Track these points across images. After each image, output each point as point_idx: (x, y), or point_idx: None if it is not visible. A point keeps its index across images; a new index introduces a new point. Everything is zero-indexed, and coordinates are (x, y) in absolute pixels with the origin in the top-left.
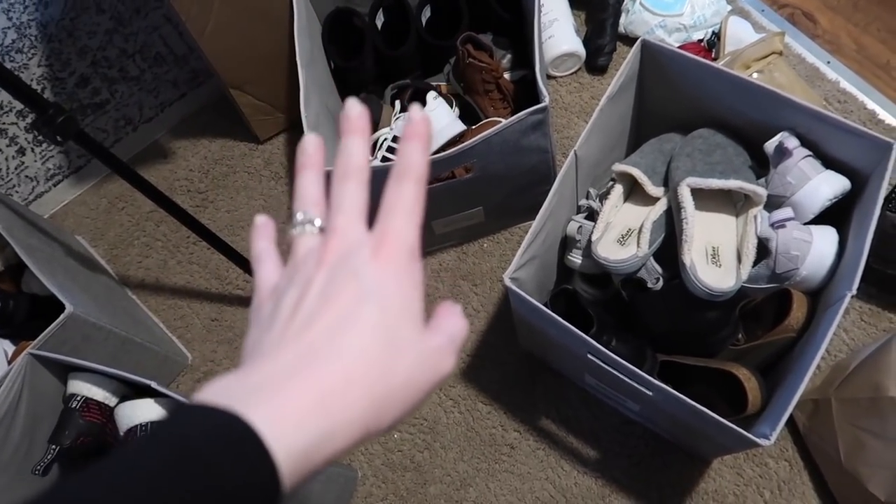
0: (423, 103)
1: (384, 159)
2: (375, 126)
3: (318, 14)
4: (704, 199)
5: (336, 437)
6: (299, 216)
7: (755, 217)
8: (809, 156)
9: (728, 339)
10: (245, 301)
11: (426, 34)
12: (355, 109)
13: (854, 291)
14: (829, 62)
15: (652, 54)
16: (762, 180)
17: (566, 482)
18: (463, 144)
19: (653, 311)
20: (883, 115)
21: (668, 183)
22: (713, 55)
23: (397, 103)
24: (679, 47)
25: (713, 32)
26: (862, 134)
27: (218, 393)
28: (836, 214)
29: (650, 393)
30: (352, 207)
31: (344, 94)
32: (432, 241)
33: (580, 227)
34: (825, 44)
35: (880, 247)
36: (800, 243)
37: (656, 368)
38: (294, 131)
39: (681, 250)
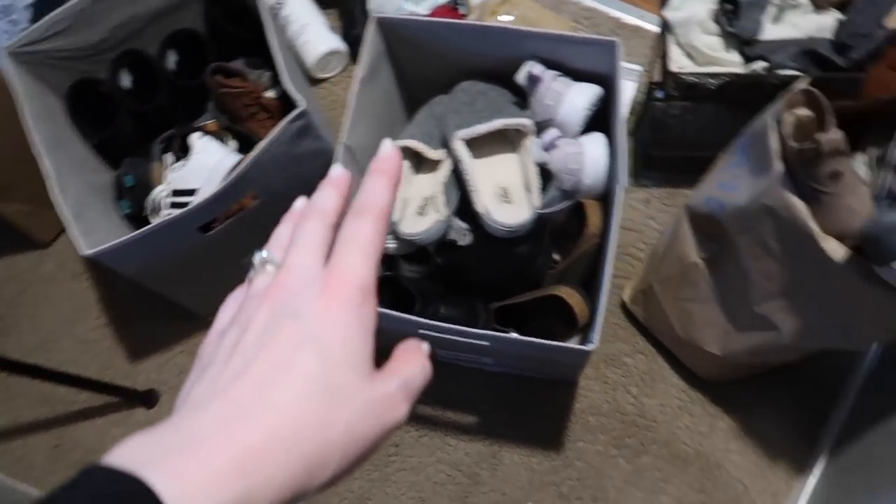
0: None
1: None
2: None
3: (58, 91)
4: (481, 145)
5: (259, 498)
6: (259, 256)
7: (528, 147)
8: (559, 75)
9: (545, 266)
10: (84, 413)
11: (176, 78)
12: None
13: (624, 183)
14: None
15: (392, 29)
16: (528, 112)
17: (457, 456)
18: (233, 173)
19: (470, 266)
20: (627, 18)
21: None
22: (465, 14)
23: (169, 156)
24: (430, 14)
25: None
26: (590, 41)
27: (127, 453)
28: (602, 121)
29: (487, 343)
30: (309, 243)
31: (113, 163)
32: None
33: None
34: None
35: (656, 134)
36: (574, 156)
37: (492, 318)
38: None
39: (472, 200)
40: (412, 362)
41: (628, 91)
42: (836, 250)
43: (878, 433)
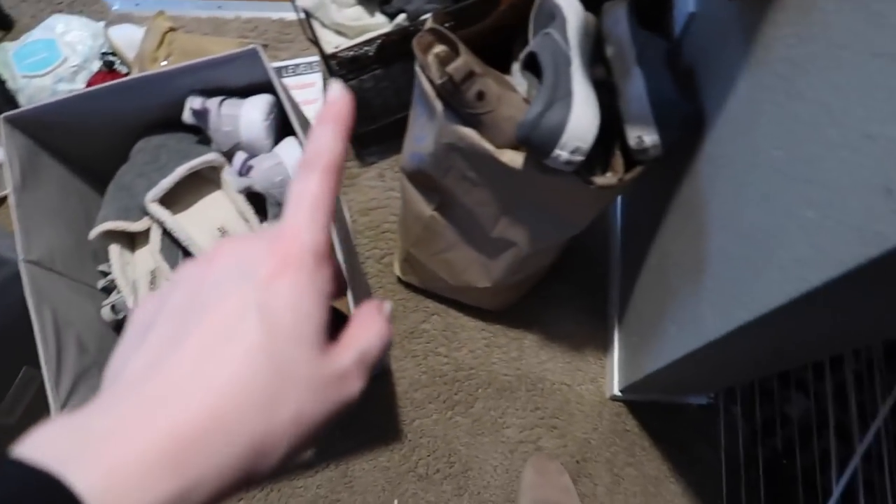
0: None
1: None
2: None
3: None
4: (182, 197)
5: (200, 491)
6: None
7: (227, 180)
8: (225, 99)
9: None
10: None
11: None
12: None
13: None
14: (220, 7)
15: (31, 121)
16: (214, 145)
17: (310, 494)
18: None
19: None
20: (289, 16)
21: None
22: (126, 72)
23: None
24: (88, 84)
25: (103, 53)
26: (233, 57)
27: (44, 443)
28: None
29: None
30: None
31: None
32: None
33: (112, 306)
34: None
35: (361, 111)
36: (275, 168)
37: None
38: None
39: (193, 254)
40: (370, 328)
41: (318, 83)
42: (513, 159)
43: (638, 291)
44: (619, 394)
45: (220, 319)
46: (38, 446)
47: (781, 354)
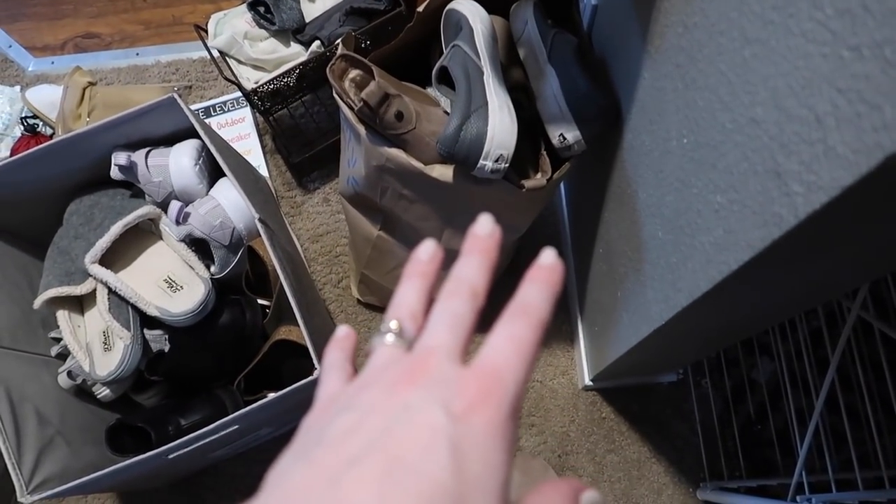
0: None
1: None
2: None
3: None
4: (123, 253)
5: None
6: (388, 325)
7: (166, 230)
8: (151, 150)
9: (257, 318)
10: None
11: None
12: (486, 228)
13: (257, 215)
14: (137, 54)
15: None
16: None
17: None
18: None
19: (190, 361)
20: (189, 57)
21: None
22: (50, 134)
23: None
24: (12, 152)
25: (24, 118)
26: (151, 108)
27: None
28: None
29: (238, 426)
30: (455, 326)
31: None
32: None
33: (68, 372)
34: (121, 44)
35: (296, 139)
36: (213, 212)
37: (241, 395)
38: None
39: (142, 310)
40: None
41: (248, 118)
42: (444, 174)
43: (592, 282)
44: (591, 383)
45: (407, 445)
46: None
47: (735, 326)
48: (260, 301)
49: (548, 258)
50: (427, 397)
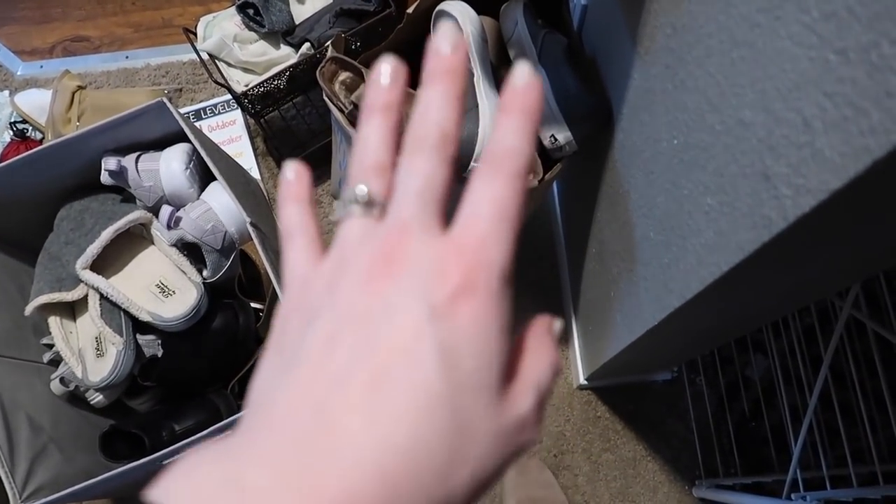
0: None
1: None
2: None
3: None
4: (115, 258)
5: None
6: (351, 190)
7: (157, 235)
8: (141, 154)
9: (250, 321)
10: None
11: None
12: (447, 43)
13: (248, 219)
14: (127, 56)
15: None
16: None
17: None
18: None
19: (184, 366)
20: (180, 60)
21: None
22: (40, 139)
23: None
24: (3, 156)
25: (12, 123)
26: (140, 112)
27: (191, 493)
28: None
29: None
30: (425, 193)
31: None
32: None
33: (61, 378)
34: (111, 47)
35: (287, 141)
36: (204, 216)
37: (235, 398)
38: None
39: (134, 315)
40: (543, 358)
41: (238, 120)
42: None
43: (586, 281)
44: (586, 382)
45: (390, 354)
46: (182, 496)
47: (728, 325)
48: (253, 304)
49: (521, 76)
50: (407, 292)
